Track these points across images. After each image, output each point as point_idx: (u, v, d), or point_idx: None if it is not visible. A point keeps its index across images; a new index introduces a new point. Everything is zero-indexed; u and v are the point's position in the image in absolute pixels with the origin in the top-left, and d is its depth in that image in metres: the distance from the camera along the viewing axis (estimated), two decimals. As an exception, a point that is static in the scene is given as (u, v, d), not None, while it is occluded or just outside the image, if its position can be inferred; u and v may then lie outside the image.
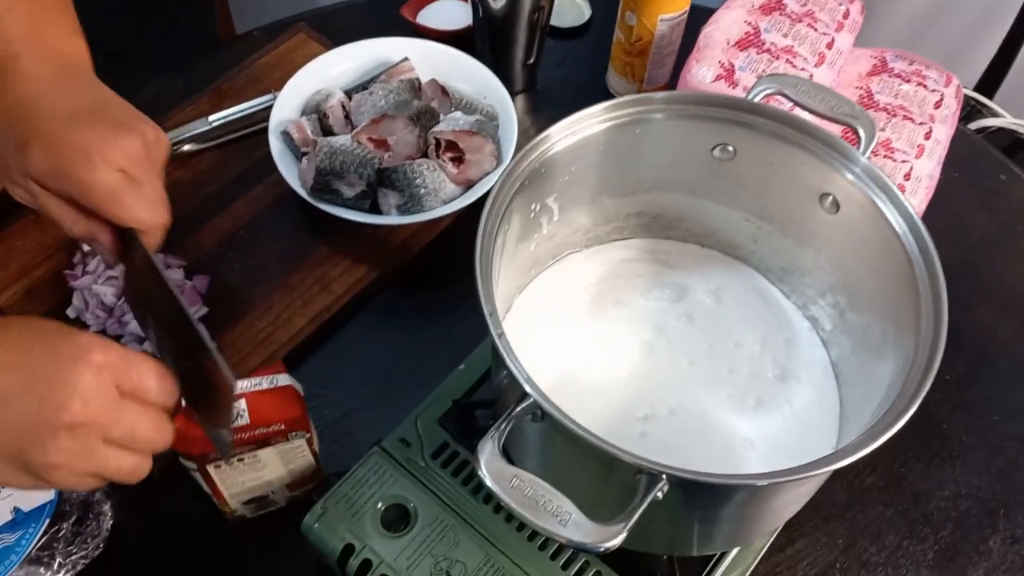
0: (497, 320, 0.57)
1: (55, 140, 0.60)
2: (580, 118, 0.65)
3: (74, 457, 0.53)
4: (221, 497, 0.70)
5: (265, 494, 0.72)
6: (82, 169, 0.60)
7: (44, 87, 0.63)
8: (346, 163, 0.85)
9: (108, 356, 0.53)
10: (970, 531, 0.78)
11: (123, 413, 0.54)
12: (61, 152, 0.60)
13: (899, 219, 0.62)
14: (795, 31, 0.91)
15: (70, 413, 0.52)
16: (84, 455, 0.53)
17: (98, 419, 0.53)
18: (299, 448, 0.68)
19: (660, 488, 0.53)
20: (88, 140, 0.60)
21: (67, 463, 0.52)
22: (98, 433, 0.53)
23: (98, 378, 0.53)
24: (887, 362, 0.63)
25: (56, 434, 0.52)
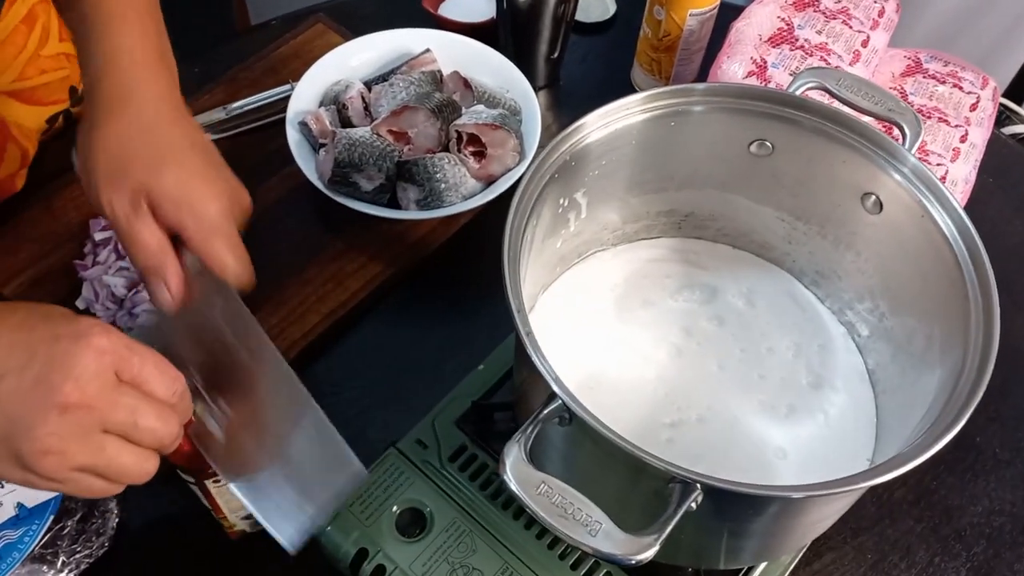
0: (525, 318, 0.55)
1: (187, 167, 0.61)
2: (616, 108, 0.62)
3: (65, 442, 0.49)
4: (221, 513, 0.67)
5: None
6: (209, 201, 0.60)
7: (174, 115, 0.64)
8: (365, 155, 0.83)
9: (110, 340, 0.51)
10: (1004, 548, 0.75)
11: (121, 398, 0.51)
12: (190, 180, 0.61)
13: (948, 221, 0.59)
14: (829, 28, 0.88)
15: (62, 393, 0.49)
16: (77, 441, 0.50)
17: (93, 402, 0.49)
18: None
19: (695, 498, 0.50)
20: (213, 176, 0.62)
21: (57, 449, 0.49)
22: (94, 419, 0.50)
23: (97, 360, 0.50)
24: (932, 371, 0.60)
25: (47, 415, 0.49)
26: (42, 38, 0.86)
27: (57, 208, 0.86)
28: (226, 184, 0.63)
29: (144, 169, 0.60)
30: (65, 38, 0.89)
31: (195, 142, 0.64)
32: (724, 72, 0.86)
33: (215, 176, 0.63)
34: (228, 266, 0.60)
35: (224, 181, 0.63)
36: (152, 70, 0.65)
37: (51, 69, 0.88)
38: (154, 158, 0.61)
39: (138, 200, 0.60)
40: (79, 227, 0.85)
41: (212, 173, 0.63)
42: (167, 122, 0.63)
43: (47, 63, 0.87)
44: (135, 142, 0.61)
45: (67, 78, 0.89)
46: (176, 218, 0.60)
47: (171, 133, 0.63)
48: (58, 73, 0.88)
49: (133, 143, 0.61)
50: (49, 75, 0.88)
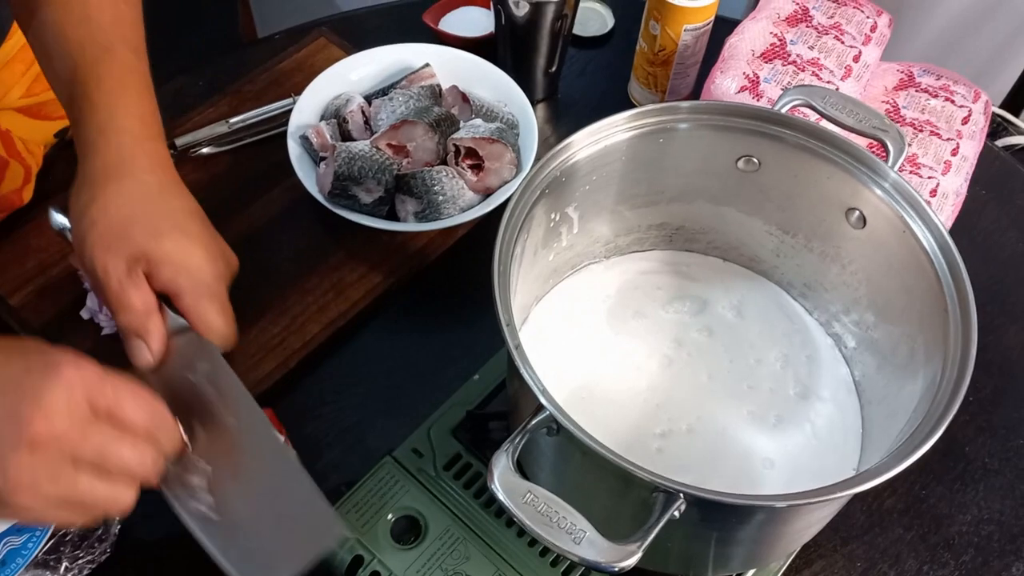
0: (514, 331, 0.56)
1: (186, 232, 0.64)
2: (604, 126, 0.64)
3: (36, 477, 0.50)
4: None
5: None
6: (205, 265, 0.63)
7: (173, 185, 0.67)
8: (364, 168, 0.84)
9: (80, 372, 0.51)
10: (992, 557, 0.76)
11: (93, 431, 0.51)
12: (189, 245, 0.63)
13: (928, 236, 0.61)
14: (821, 43, 0.90)
15: (32, 428, 0.49)
16: (48, 475, 0.50)
17: (64, 436, 0.50)
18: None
19: (677, 507, 0.51)
20: (208, 241, 0.65)
21: (29, 483, 0.49)
22: (64, 452, 0.50)
23: (67, 393, 0.50)
24: (915, 381, 0.61)
25: (17, 450, 0.49)
26: None
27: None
28: (219, 248, 0.66)
29: (144, 235, 0.62)
30: None
31: (192, 210, 0.67)
32: (717, 87, 0.88)
33: (209, 241, 0.66)
34: (217, 327, 0.63)
35: (217, 245, 0.66)
36: (151, 140, 0.67)
37: None
38: (155, 224, 0.63)
39: (135, 266, 0.61)
40: (84, 238, 0.87)
41: (207, 238, 0.66)
42: (165, 191, 0.66)
43: None
44: (136, 209, 0.63)
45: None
46: (174, 281, 0.62)
47: (170, 201, 0.66)
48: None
49: (134, 210, 0.63)
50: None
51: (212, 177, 0.93)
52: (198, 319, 0.63)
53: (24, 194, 0.89)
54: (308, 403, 0.82)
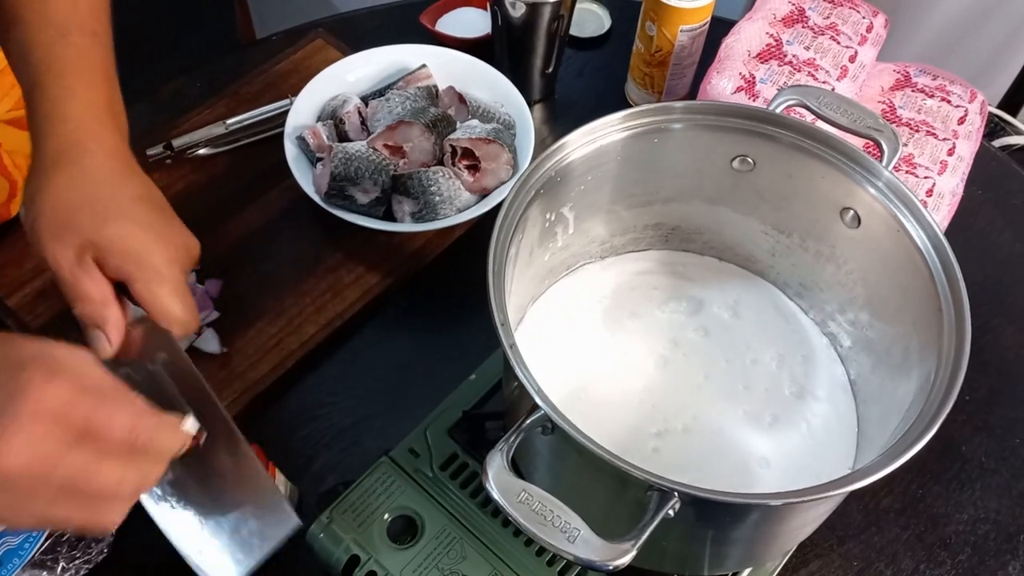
0: (509, 330, 0.56)
1: (131, 219, 0.62)
2: (598, 126, 0.64)
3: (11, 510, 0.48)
4: None
5: None
6: (153, 250, 0.61)
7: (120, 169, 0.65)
8: (361, 169, 0.84)
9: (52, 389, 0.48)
10: (988, 556, 0.76)
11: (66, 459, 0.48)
12: (135, 231, 0.61)
13: (922, 235, 0.61)
14: (817, 44, 0.90)
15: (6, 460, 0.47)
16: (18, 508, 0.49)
17: (32, 469, 0.47)
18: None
19: (672, 506, 0.51)
20: (159, 227, 0.63)
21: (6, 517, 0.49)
22: (36, 482, 0.48)
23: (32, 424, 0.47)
24: (909, 381, 0.61)
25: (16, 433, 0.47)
26: None
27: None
28: (172, 233, 0.64)
29: (89, 224, 0.61)
30: None
31: (140, 195, 0.64)
32: (713, 87, 0.88)
33: (160, 226, 0.64)
34: (173, 313, 0.61)
35: (170, 230, 0.64)
36: (99, 125, 0.65)
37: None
38: (99, 213, 0.61)
39: (83, 254, 0.60)
40: (82, 240, 0.87)
41: (157, 224, 0.64)
42: (113, 177, 0.64)
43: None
44: (80, 198, 0.62)
45: None
46: (122, 268, 0.60)
47: (115, 188, 0.64)
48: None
49: (78, 199, 0.62)
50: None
51: (209, 178, 0.94)
52: (151, 305, 0.61)
53: (11, 207, 0.88)
54: (306, 404, 0.82)
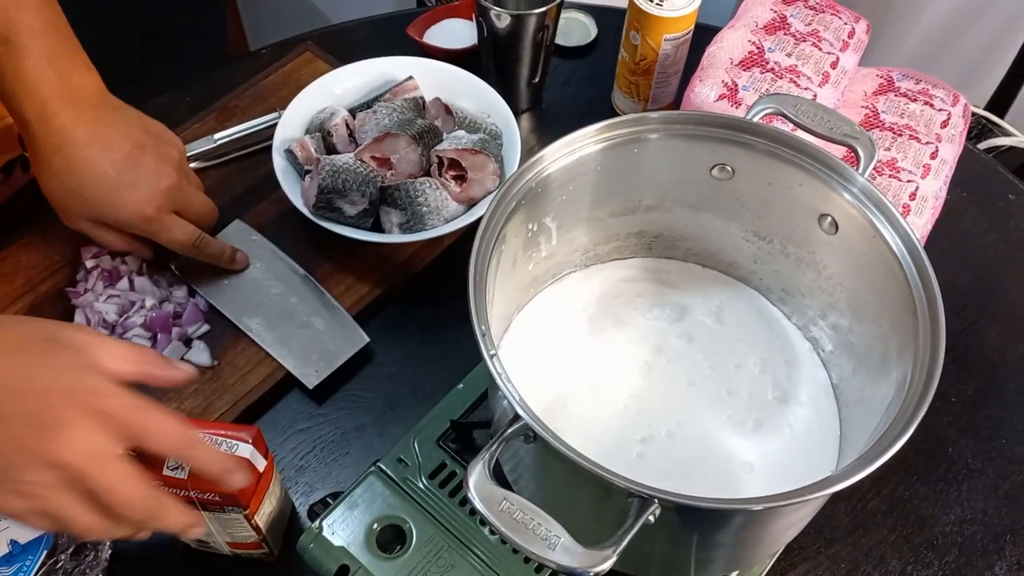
0: (490, 340, 0.57)
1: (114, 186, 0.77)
2: (575, 139, 0.64)
3: (44, 490, 0.52)
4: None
5: (207, 541, 0.70)
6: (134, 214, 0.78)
7: (83, 151, 0.76)
8: (348, 181, 0.85)
9: (116, 403, 0.54)
10: (975, 557, 0.77)
11: (109, 468, 0.53)
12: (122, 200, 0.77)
13: (897, 239, 0.61)
14: (799, 50, 0.90)
15: (60, 453, 0.52)
16: (54, 493, 0.53)
17: (83, 467, 0.52)
18: (237, 520, 0.66)
19: (652, 512, 0.52)
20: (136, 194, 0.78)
21: (36, 493, 0.52)
22: (76, 478, 0.53)
23: (99, 426, 0.53)
24: (888, 384, 0.62)
25: (40, 465, 0.52)
26: None
27: (51, 236, 0.89)
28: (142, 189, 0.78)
29: (81, 208, 0.78)
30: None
31: (106, 170, 0.77)
32: (696, 95, 0.88)
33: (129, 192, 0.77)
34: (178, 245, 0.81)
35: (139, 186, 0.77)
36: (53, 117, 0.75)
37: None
38: (79, 201, 0.78)
39: (93, 225, 0.79)
40: (72, 254, 0.88)
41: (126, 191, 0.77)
42: (78, 163, 0.76)
43: None
44: (61, 191, 0.77)
45: (12, 126, 0.89)
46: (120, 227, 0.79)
47: (83, 174, 0.76)
48: (4, 122, 0.89)
49: (60, 192, 0.77)
50: None
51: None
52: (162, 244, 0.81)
53: None
54: (296, 415, 0.82)
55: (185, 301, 0.85)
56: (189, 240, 0.81)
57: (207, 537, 0.69)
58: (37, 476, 0.52)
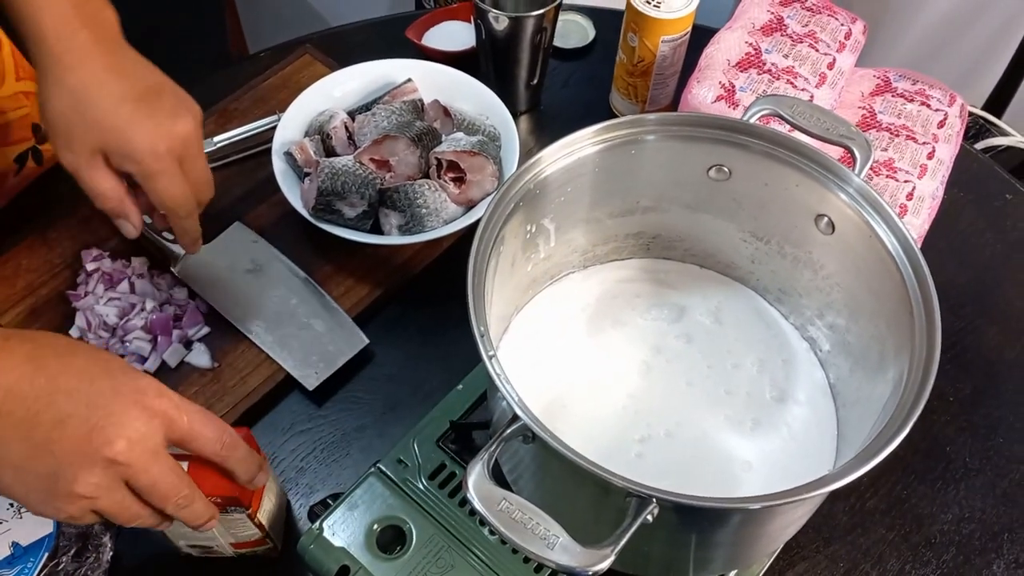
0: (489, 341, 0.57)
1: (127, 120, 0.70)
2: (572, 140, 0.65)
3: (99, 491, 0.55)
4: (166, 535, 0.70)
5: (209, 546, 0.71)
6: (144, 147, 0.70)
7: (101, 74, 0.71)
8: (347, 183, 0.85)
9: (162, 403, 0.57)
10: (973, 555, 0.77)
11: (155, 464, 0.56)
12: (123, 133, 0.70)
13: (893, 239, 0.62)
14: (796, 52, 0.91)
15: (113, 449, 0.54)
16: (108, 492, 0.55)
17: (133, 462, 0.55)
18: (239, 520, 0.67)
19: (650, 511, 0.52)
20: (154, 124, 0.71)
21: (91, 495, 0.54)
22: (126, 475, 0.55)
23: (148, 423, 0.56)
24: (885, 383, 0.62)
25: (93, 465, 0.54)
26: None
27: (52, 239, 0.89)
28: (159, 122, 0.71)
29: (85, 133, 0.70)
30: (23, 76, 0.90)
31: (122, 95, 0.71)
32: (694, 97, 0.89)
33: (145, 121, 0.71)
34: (168, 199, 0.73)
35: (157, 119, 0.71)
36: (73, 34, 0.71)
37: (10, 109, 0.90)
38: (90, 123, 0.70)
39: (92, 158, 0.70)
40: (73, 257, 0.88)
41: (142, 119, 0.71)
42: (95, 86, 0.70)
43: (6, 103, 0.89)
44: (72, 112, 0.70)
45: (27, 116, 0.91)
46: (121, 167, 0.71)
47: (99, 96, 0.70)
48: (18, 112, 0.90)
49: (70, 113, 0.70)
50: (9, 115, 0.90)
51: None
52: (152, 196, 0.73)
53: None
54: (296, 417, 0.83)
55: (185, 303, 0.85)
56: (182, 198, 0.74)
57: (210, 542, 0.70)
58: (92, 477, 0.54)
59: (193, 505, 0.59)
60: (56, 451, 0.54)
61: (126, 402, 0.55)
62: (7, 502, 0.70)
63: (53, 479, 0.54)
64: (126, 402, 0.55)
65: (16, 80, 0.91)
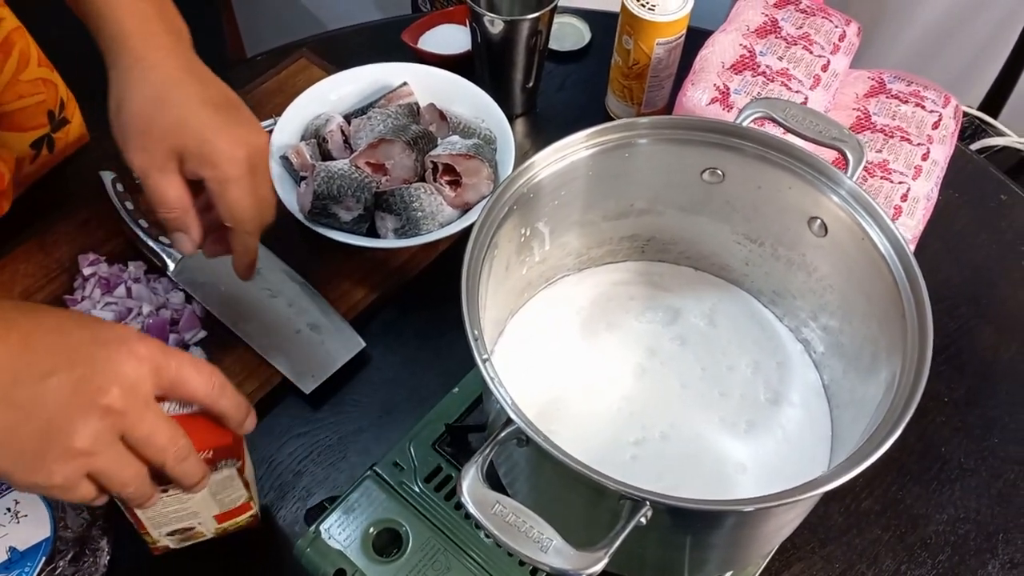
0: (483, 345, 0.57)
1: (209, 123, 0.68)
2: (564, 145, 0.65)
3: (96, 445, 0.52)
4: (143, 527, 0.67)
5: (191, 525, 0.69)
6: (222, 153, 0.68)
7: (183, 76, 0.71)
8: (343, 187, 0.86)
9: (148, 348, 0.54)
10: (968, 555, 0.77)
11: (149, 412, 0.54)
12: (203, 134, 0.68)
13: (885, 242, 0.62)
14: (790, 54, 0.91)
15: (108, 397, 0.52)
16: (105, 447, 0.53)
17: (129, 410, 0.53)
18: (229, 479, 0.65)
19: (643, 514, 0.53)
20: (233, 132, 0.69)
21: (89, 450, 0.52)
22: (122, 426, 0.53)
23: (137, 368, 0.53)
24: (878, 385, 0.62)
25: (88, 415, 0.52)
26: (20, 64, 0.88)
27: (49, 243, 0.90)
28: (239, 132, 0.70)
29: (165, 132, 0.68)
30: (44, 63, 0.91)
31: (205, 99, 0.70)
32: (689, 99, 0.89)
33: (225, 127, 0.69)
34: (237, 208, 0.69)
35: (236, 130, 0.70)
36: (156, 38, 0.71)
37: (28, 94, 0.90)
38: (171, 121, 0.68)
39: (167, 160, 0.68)
40: (70, 261, 0.88)
41: (222, 125, 0.69)
42: (178, 86, 0.69)
43: (25, 88, 0.90)
44: (153, 110, 0.68)
45: (43, 103, 0.92)
46: (197, 171, 0.68)
47: (182, 96, 0.69)
48: (35, 98, 0.90)
49: (152, 111, 0.68)
50: (26, 100, 0.90)
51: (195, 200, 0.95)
52: (220, 203, 0.69)
53: (3, 203, 0.89)
54: (292, 420, 0.83)
55: (182, 308, 0.86)
56: (251, 211, 0.71)
57: (192, 519, 0.68)
58: (89, 428, 0.52)
59: (190, 458, 0.57)
60: (45, 408, 0.51)
61: (110, 350, 0.53)
62: (3, 507, 0.70)
63: (44, 439, 0.51)
64: (110, 350, 0.53)
65: (38, 66, 0.91)
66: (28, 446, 0.52)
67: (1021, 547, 0.78)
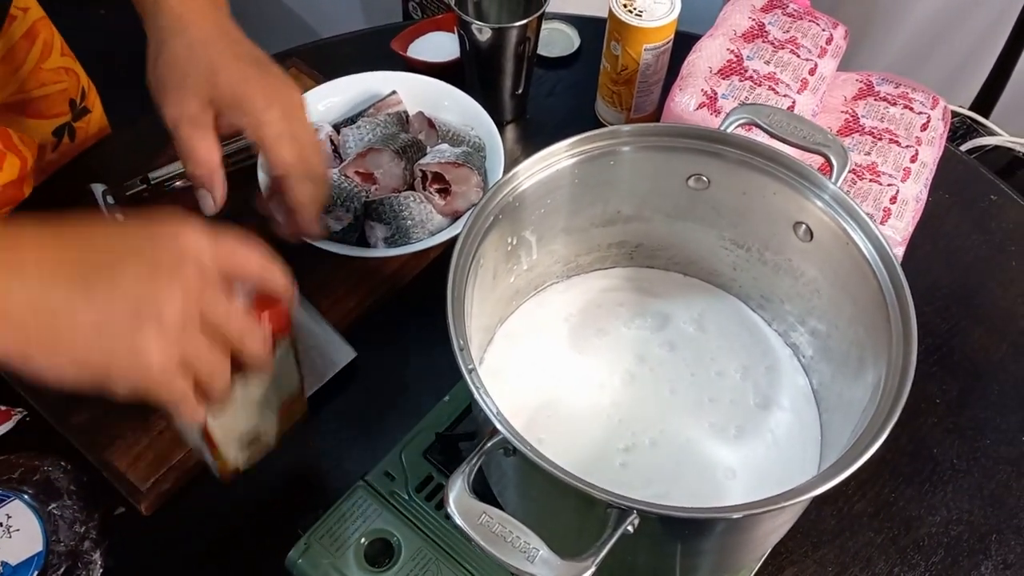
0: (468, 355, 0.58)
1: (242, 75, 0.70)
2: (548, 154, 0.65)
3: (184, 318, 0.52)
4: (216, 450, 0.66)
5: (257, 432, 0.69)
6: (258, 101, 0.69)
7: (219, 33, 0.72)
8: (333, 197, 0.86)
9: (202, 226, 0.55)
10: (962, 557, 0.77)
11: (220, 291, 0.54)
12: (239, 84, 0.69)
13: (869, 246, 0.62)
14: (777, 58, 0.91)
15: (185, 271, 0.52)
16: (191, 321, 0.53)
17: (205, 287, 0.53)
18: (286, 357, 0.66)
19: (630, 522, 0.53)
20: (267, 82, 0.71)
21: (179, 322, 0.52)
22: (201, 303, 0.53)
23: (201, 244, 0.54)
24: (865, 388, 0.63)
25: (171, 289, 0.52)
26: (43, 53, 0.90)
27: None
28: (276, 85, 0.72)
29: (202, 80, 0.69)
30: (67, 53, 0.93)
31: (240, 55, 0.71)
32: (677, 104, 0.89)
33: (262, 79, 0.71)
34: (283, 159, 0.71)
35: (273, 82, 0.72)
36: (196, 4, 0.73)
37: (51, 82, 0.92)
38: (207, 70, 0.69)
39: (202, 111, 0.69)
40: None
41: (259, 77, 0.71)
42: (215, 40, 0.71)
43: (47, 76, 0.91)
44: (189, 59, 0.70)
45: (65, 91, 0.93)
46: (234, 118, 0.70)
47: (220, 49, 0.71)
48: (57, 86, 0.92)
49: (188, 60, 0.70)
50: (49, 88, 0.92)
51: (186, 211, 0.95)
52: (262, 147, 0.71)
53: (25, 187, 0.90)
54: (284, 430, 0.83)
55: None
56: (294, 155, 0.72)
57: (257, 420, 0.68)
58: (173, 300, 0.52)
59: (258, 335, 0.58)
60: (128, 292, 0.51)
61: (171, 234, 0.53)
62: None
63: (135, 317, 0.51)
64: (171, 234, 0.53)
65: (60, 55, 0.93)
66: (121, 330, 0.51)
67: (1014, 548, 0.78)
